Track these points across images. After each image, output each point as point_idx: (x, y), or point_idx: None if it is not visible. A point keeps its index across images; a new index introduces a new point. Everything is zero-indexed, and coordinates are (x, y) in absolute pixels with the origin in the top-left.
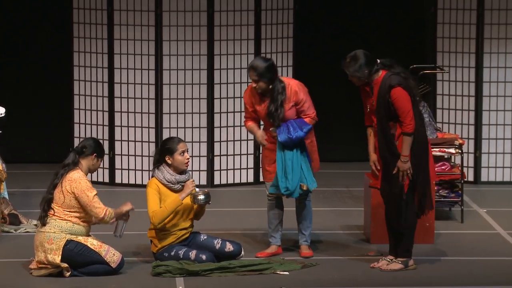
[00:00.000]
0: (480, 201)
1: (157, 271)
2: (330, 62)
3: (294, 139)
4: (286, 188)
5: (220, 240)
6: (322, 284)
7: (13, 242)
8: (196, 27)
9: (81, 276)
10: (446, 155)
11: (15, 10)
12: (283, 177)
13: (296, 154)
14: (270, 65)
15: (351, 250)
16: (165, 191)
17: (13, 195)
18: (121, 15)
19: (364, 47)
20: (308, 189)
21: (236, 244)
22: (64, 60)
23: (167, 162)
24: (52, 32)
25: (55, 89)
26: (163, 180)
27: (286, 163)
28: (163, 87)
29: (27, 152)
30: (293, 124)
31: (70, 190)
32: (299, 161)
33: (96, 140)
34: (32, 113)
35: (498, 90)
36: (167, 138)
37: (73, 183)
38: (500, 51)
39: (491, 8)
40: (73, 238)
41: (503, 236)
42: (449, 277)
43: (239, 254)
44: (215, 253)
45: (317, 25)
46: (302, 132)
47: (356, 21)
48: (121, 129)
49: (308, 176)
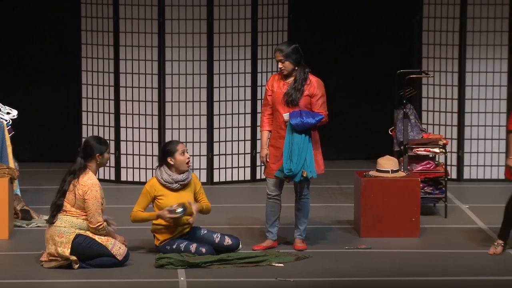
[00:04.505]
0: (463, 197)
1: (160, 263)
2: (321, 67)
3: (305, 123)
4: (290, 170)
5: (219, 234)
6: (315, 275)
7: (25, 236)
8: (197, 34)
9: (89, 268)
10: (431, 154)
11: (29, 16)
12: (288, 159)
13: (304, 141)
14: (295, 48)
15: (342, 243)
16: (162, 190)
17: (25, 191)
18: (126, 23)
19: (354, 55)
20: (307, 176)
21: (234, 238)
22: (73, 65)
23: (169, 163)
24: (62, 38)
25: (65, 92)
26: (161, 180)
27: (293, 147)
28: (165, 90)
29: (38, 152)
30: (306, 112)
31: (82, 195)
32: (305, 148)
33: (93, 139)
34: (43, 115)
35: (479, 94)
36: (167, 142)
37: (86, 188)
38: (482, 57)
39: (473, 17)
40: (82, 233)
41: (484, 230)
42: (433, 269)
43: (237, 247)
44: (215, 246)
45: (310, 33)
46: (313, 120)
47: (346, 30)
48: (126, 130)
49: (310, 165)
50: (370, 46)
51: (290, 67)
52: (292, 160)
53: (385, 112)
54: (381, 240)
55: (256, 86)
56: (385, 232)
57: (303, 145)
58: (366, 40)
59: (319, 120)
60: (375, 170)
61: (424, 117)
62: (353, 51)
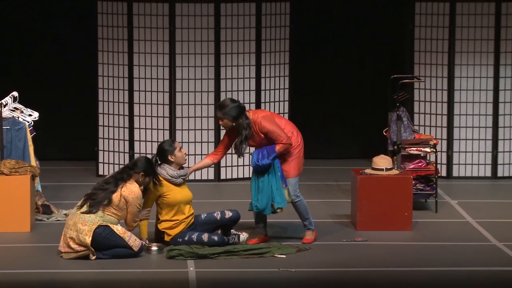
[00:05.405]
0: (452, 193)
1: (171, 254)
2: (321, 72)
3: (261, 165)
4: (256, 207)
5: (218, 211)
6: (315, 266)
7: (45, 229)
8: (205, 42)
9: (105, 258)
10: (422, 153)
11: (49, 22)
12: (255, 195)
13: (267, 177)
14: (233, 106)
15: (340, 236)
16: (167, 186)
17: (45, 188)
18: (139, 32)
19: (350, 63)
20: (274, 209)
21: (234, 210)
22: (90, 71)
23: (170, 161)
24: (80, 46)
25: (83, 96)
26: (167, 176)
27: (258, 184)
28: (176, 94)
29: (58, 151)
30: (263, 151)
31: (126, 197)
32: (269, 183)
33: (148, 160)
34: (62, 118)
35: (467, 97)
36: (162, 142)
37: (132, 194)
38: (469, 63)
39: (461, 26)
40: (103, 224)
41: (471, 224)
42: (425, 260)
43: (238, 218)
44: (218, 223)
45: (310, 40)
46: (268, 160)
47: (344, 39)
48: (139, 131)
49: (277, 195)
50: (366, 54)
51: (228, 124)
52: (258, 198)
53: (379, 114)
54: (376, 233)
55: (260, 90)
56: (380, 226)
57: (267, 181)
58: (362, 49)
59: (274, 157)
60: (371, 168)
61: (416, 119)
62: (349, 61)
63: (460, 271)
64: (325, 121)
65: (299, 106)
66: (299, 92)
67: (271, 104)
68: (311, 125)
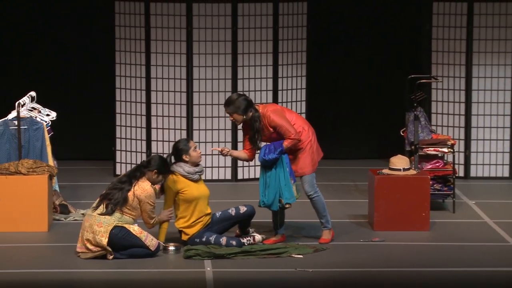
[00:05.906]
0: (470, 194)
1: (188, 254)
2: (338, 71)
3: (267, 160)
4: (263, 202)
5: (233, 208)
6: (331, 266)
7: (63, 228)
8: (222, 42)
9: (122, 258)
10: (440, 153)
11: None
12: (263, 192)
13: (275, 171)
14: (240, 100)
15: (357, 237)
16: (184, 182)
17: (63, 187)
18: (157, 32)
19: (368, 63)
20: (283, 204)
21: (248, 205)
22: (108, 71)
23: (185, 160)
24: (98, 46)
25: (100, 96)
26: (184, 172)
27: (266, 180)
28: (193, 94)
29: (75, 151)
30: (270, 146)
31: (138, 196)
32: (277, 178)
33: (162, 158)
34: (80, 117)
35: (485, 97)
36: (177, 141)
37: (144, 192)
38: (487, 63)
39: (479, 26)
40: (119, 224)
41: (489, 225)
42: (442, 260)
43: (253, 213)
44: (234, 219)
45: (327, 41)
46: (274, 155)
47: (361, 39)
48: (156, 131)
49: (286, 191)
50: (384, 55)
51: (239, 119)
52: (265, 193)
53: (397, 114)
54: (393, 233)
55: (277, 90)
56: (397, 226)
57: (274, 176)
58: (380, 49)
59: (280, 151)
60: (388, 168)
61: (434, 119)
62: (367, 61)
63: (478, 272)
64: (341, 121)
65: (316, 106)
66: (315, 90)
67: (288, 104)
68: (327, 125)
